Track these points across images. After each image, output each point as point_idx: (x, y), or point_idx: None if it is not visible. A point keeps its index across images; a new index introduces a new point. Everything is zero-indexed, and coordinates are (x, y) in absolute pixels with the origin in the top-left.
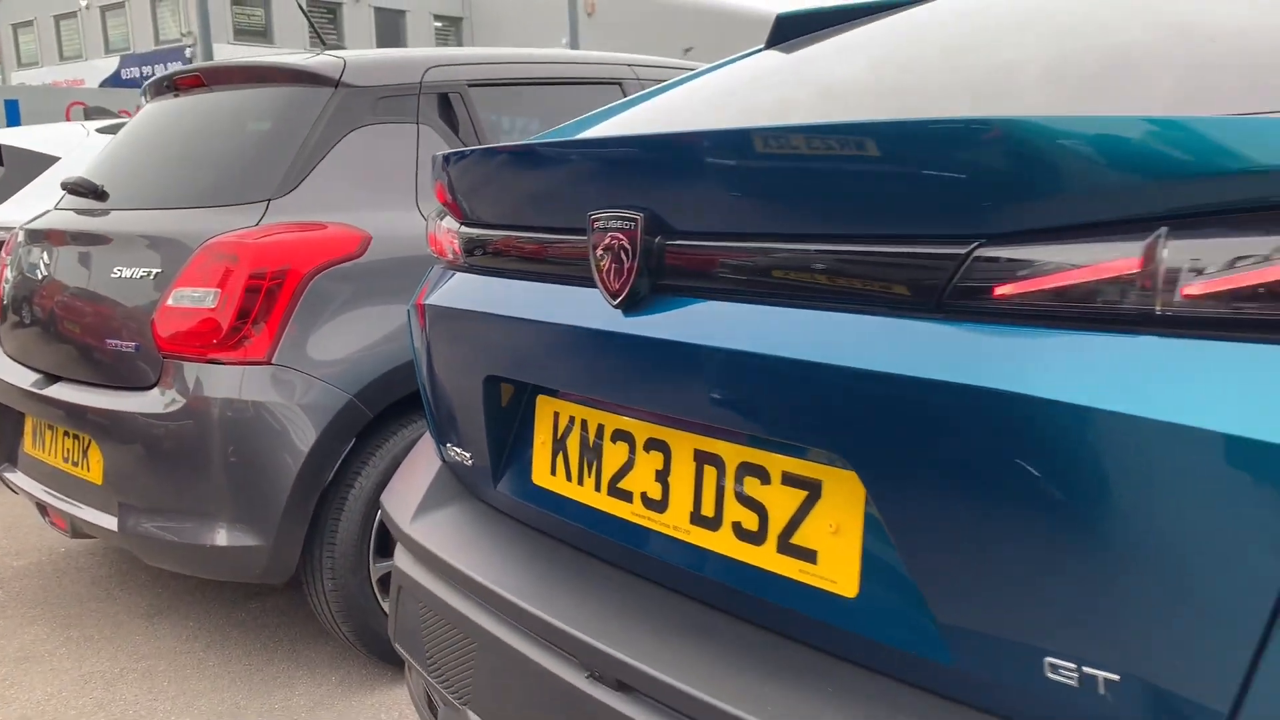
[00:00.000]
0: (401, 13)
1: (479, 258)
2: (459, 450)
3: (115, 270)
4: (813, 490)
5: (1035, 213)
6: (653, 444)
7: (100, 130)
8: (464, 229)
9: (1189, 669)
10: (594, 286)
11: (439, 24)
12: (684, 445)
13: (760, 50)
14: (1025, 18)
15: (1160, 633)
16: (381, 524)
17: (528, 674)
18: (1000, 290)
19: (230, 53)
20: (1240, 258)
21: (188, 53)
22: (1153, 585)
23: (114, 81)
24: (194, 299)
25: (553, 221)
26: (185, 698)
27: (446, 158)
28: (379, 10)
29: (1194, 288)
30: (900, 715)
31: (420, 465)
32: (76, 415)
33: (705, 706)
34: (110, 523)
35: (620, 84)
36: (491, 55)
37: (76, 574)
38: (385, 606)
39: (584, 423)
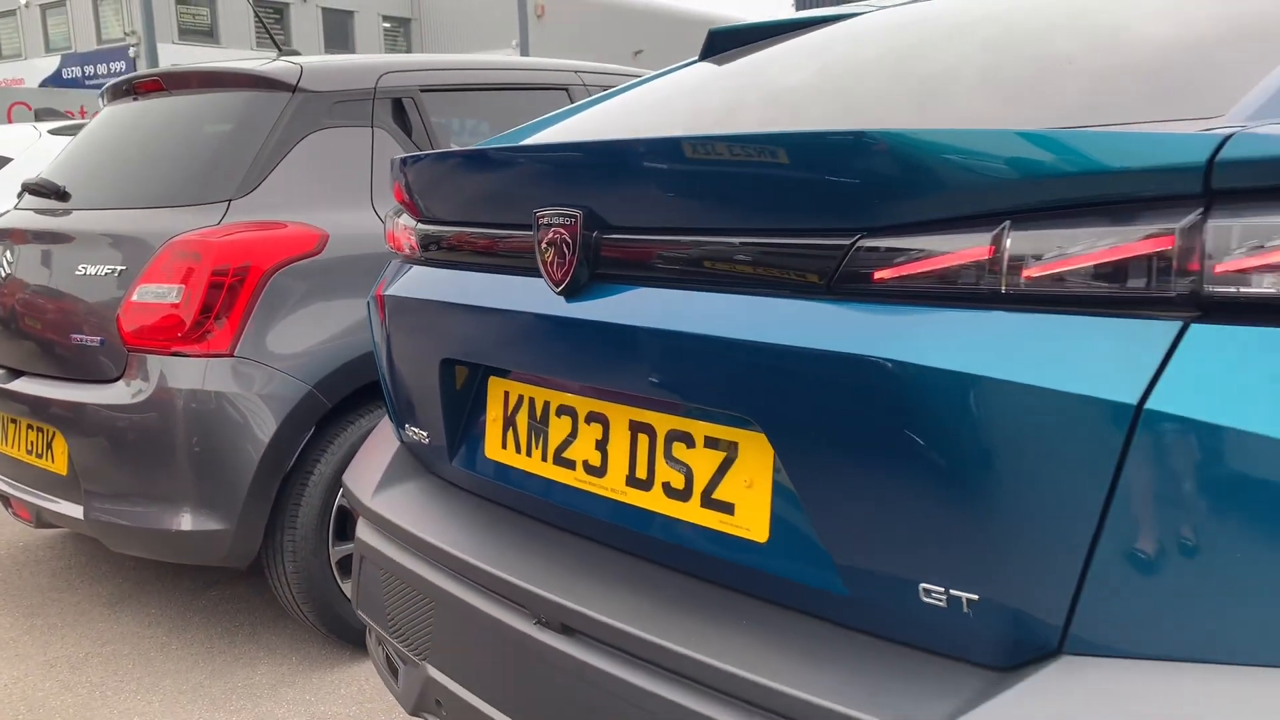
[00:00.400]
0: (349, 13)
1: (434, 252)
2: (417, 430)
3: (80, 268)
4: (730, 451)
5: (905, 210)
6: (593, 417)
7: (53, 132)
8: (420, 226)
9: (1032, 590)
10: (539, 276)
11: (387, 25)
12: (620, 417)
13: (694, 62)
14: (919, 36)
15: (1009, 561)
16: (340, 508)
17: (481, 625)
18: (879, 274)
19: (174, 52)
20: (1067, 245)
21: (131, 52)
22: (1002, 521)
23: (55, 81)
24: (158, 294)
25: (502, 218)
26: (150, 678)
27: (404, 160)
28: (326, 11)
29: (1031, 270)
30: (801, 641)
31: (380, 446)
32: (41, 408)
33: (638, 641)
34: (76, 511)
35: (567, 89)
36: (442, 61)
37: (36, 566)
38: (344, 587)
39: (531, 400)
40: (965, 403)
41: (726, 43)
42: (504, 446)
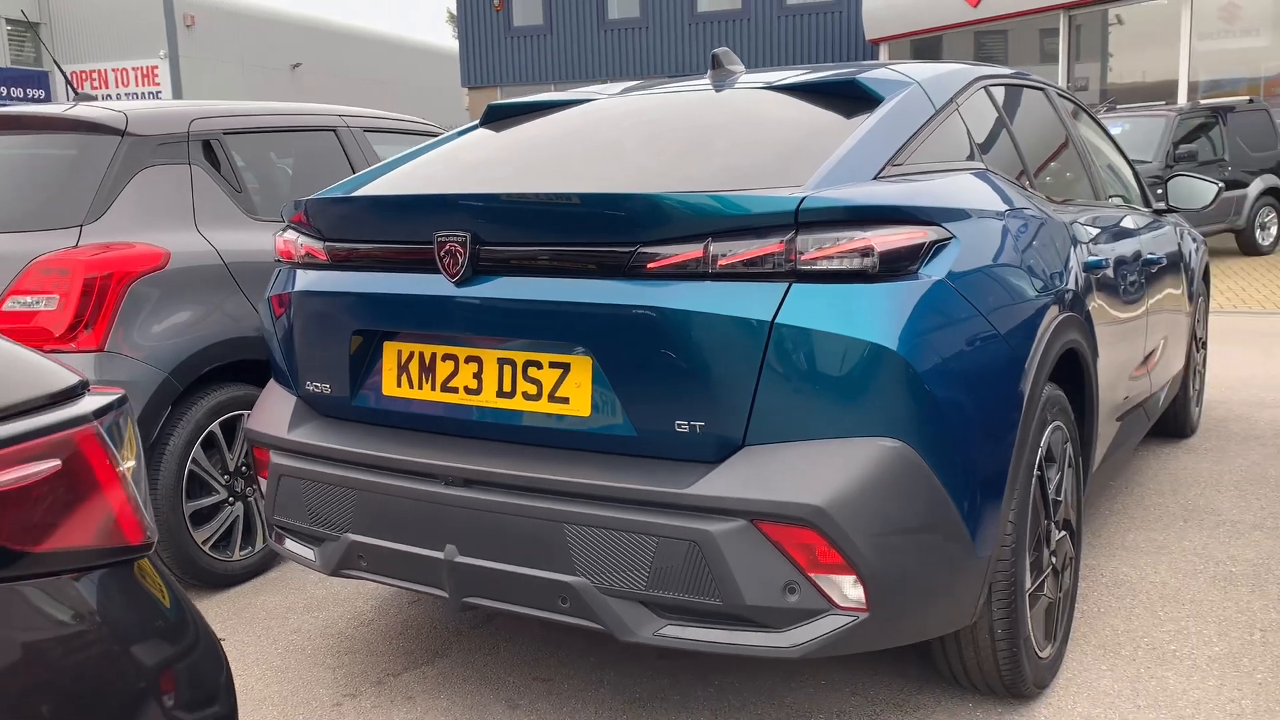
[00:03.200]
0: None
1: (342, 260)
2: (319, 385)
3: None
4: (565, 368)
5: (660, 231)
6: (471, 359)
7: None
8: (329, 243)
9: (725, 418)
10: (437, 272)
11: (10, 28)
12: (491, 356)
13: (476, 127)
14: (654, 114)
15: (718, 405)
16: (191, 472)
17: (400, 495)
18: (650, 265)
19: None
20: (736, 249)
21: None
22: (713, 384)
23: None
24: (28, 304)
25: (402, 238)
26: None
27: (309, 200)
28: None
29: (721, 261)
30: (609, 463)
31: (276, 402)
32: None
33: (516, 477)
34: None
35: (334, 130)
36: (240, 109)
37: None
38: (196, 536)
39: (421, 353)
40: (692, 325)
41: (501, 114)
42: (399, 386)
